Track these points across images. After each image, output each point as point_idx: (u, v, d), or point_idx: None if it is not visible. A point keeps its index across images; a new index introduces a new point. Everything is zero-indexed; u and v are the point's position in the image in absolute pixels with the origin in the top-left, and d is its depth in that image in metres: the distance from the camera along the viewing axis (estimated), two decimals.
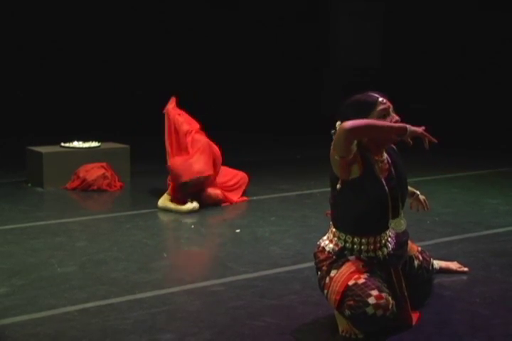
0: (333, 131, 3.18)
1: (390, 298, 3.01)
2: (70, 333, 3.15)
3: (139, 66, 10.83)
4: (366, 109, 3.11)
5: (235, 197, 5.88)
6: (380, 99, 3.13)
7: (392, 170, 3.21)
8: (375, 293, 2.99)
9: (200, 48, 11.28)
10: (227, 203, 5.77)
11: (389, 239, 3.26)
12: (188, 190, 5.53)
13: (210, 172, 5.56)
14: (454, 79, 11.14)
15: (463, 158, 8.06)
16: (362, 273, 3.09)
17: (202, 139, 5.69)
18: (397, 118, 3.14)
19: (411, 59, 11.69)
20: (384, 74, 11.87)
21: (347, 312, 3.02)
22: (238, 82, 11.48)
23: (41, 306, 3.48)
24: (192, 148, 5.64)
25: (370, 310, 2.95)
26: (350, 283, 3.05)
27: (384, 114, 3.12)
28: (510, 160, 8.03)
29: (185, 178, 5.47)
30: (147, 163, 7.48)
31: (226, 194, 5.78)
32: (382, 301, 2.96)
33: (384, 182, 3.12)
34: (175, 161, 5.61)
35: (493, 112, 10.70)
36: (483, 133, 9.90)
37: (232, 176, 5.98)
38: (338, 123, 3.15)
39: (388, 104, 3.15)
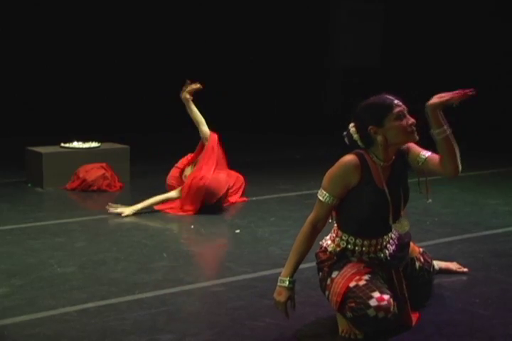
0: (344, 133, 3.19)
1: (391, 300, 3.01)
2: (70, 333, 3.15)
3: (139, 66, 10.82)
4: (383, 112, 3.08)
5: (235, 198, 5.90)
6: (396, 101, 3.10)
7: (395, 171, 3.20)
8: (376, 294, 2.99)
9: (200, 49, 11.27)
10: (228, 203, 5.79)
11: (390, 241, 3.26)
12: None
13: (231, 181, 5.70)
14: (454, 80, 11.13)
15: (463, 158, 8.04)
16: (363, 274, 3.09)
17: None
18: (412, 120, 3.10)
19: (411, 59, 11.68)
20: (384, 74, 11.86)
21: (349, 314, 3.02)
22: (239, 82, 11.47)
23: (40, 306, 3.48)
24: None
25: (371, 312, 2.95)
26: (352, 284, 3.06)
27: (400, 116, 3.08)
28: (510, 161, 8.03)
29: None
30: (147, 163, 7.49)
31: (227, 197, 5.81)
32: (383, 303, 2.96)
33: (385, 185, 3.12)
34: (204, 180, 5.45)
35: (493, 112, 10.70)
36: (484, 133, 9.91)
37: (231, 181, 6.00)
38: (352, 125, 3.16)
39: (403, 106, 3.12)
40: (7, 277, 3.92)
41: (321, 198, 3.13)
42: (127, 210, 5.41)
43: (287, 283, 3.11)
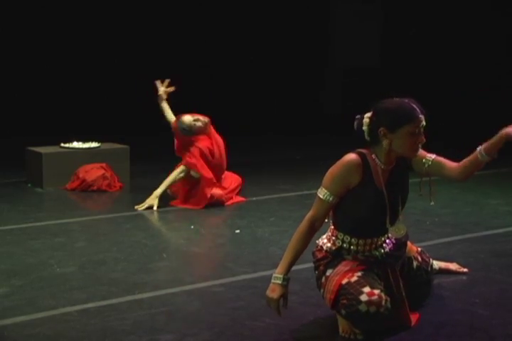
0: (358, 117, 3.16)
1: (382, 294, 3.01)
2: (70, 334, 3.15)
3: (138, 66, 10.82)
4: (402, 121, 3.02)
5: (234, 197, 5.93)
6: (420, 116, 3.04)
7: (395, 173, 3.19)
8: (366, 289, 2.99)
9: (200, 49, 11.27)
10: (229, 202, 5.80)
11: (387, 241, 3.26)
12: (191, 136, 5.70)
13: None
14: (454, 79, 11.14)
15: (463, 158, 8.03)
16: (356, 271, 3.10)
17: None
18: (422, 139, 3.07)
19: (410, 59, 11.68)
20: (383, 74, 11.87)
21: (342, 311, 3.04)
22: (238, 83, 11.47)
23: (41, 307, 3.48)
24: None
25: (362, 308, 2.96)
26: (344, 281, 3.07)
27: (415, 132, 3.03)
28: (510, 161, 8.02)
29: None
30: (147, 163, 7.49)
31: (227, 196, 5.82)
32: (373, 297, 2.97)
33: (383, 188, 3.12)
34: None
35: (492, 112, 10.69)
36: (484, 133, 9.89)
37: (231, 180, 6.03)
38: (368, 115, 3.12)
39: (423, 121, 3.06)
40: (7, 277, 3.93)
41: (321, 196, 3.12)
42: (155, 202, 5.57)
43: (281, 280, 3.10)
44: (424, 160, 3.20)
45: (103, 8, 10.62)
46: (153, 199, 5.59)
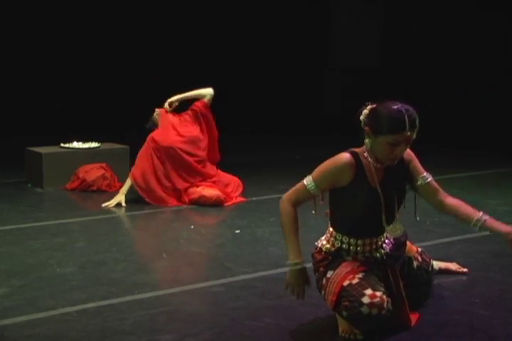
0: (367, 103, 3.13)
1: (384, 296, 3.01)
2: (69, 334, 3.15)
3: (138, 66, 10.82)
4: (386, 129, 2.97)
5: (234, 198, 5.92)
6: (407, 133, 2.96)
7: (390, 172, 3.19)
8: (368, 292, 2.99)
9: (200, 49, 11.27)
10: (229, 203, 5.79)
11: (386, 241, 3.26)
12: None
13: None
14: (454, 79, 11.14)
15: (463, 158, 8.05)
16: (357, 273, 3.10)
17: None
18: (399, 151, 3.01)
19: (411, 59, 11.69)
20: (383, 74, 11.87)
21: (344, 313, 3.03)
22: (238, 83, 11.47)
23: (40, 307, 3.48)
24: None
25: (364, 310, 2.95)
26: (345, 283, 3.06)
27: (394, 143, 2.99)
28: (510, 161, 8.02)
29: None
30: None
31: (227, 197, 5.82)
32: (376, 300, 2.97)
33: (378, 186, 3.12)
34: None
35: (493, 112, 10.70)
36: (483, 133, 9.90)
37: (233, 186, 6.03)
38: (370, 108, 3.09)
39: (410, 139, 3.00)
40: (7, 277, 3.93)
41: (306, 184, 3.16)
42: (121, 198, 5.70)
43: (299, 265, 3.13)
44: (419, 177, 3.23)
45: (103, 9, 10.61)
46: (120, 196, 5.71)
